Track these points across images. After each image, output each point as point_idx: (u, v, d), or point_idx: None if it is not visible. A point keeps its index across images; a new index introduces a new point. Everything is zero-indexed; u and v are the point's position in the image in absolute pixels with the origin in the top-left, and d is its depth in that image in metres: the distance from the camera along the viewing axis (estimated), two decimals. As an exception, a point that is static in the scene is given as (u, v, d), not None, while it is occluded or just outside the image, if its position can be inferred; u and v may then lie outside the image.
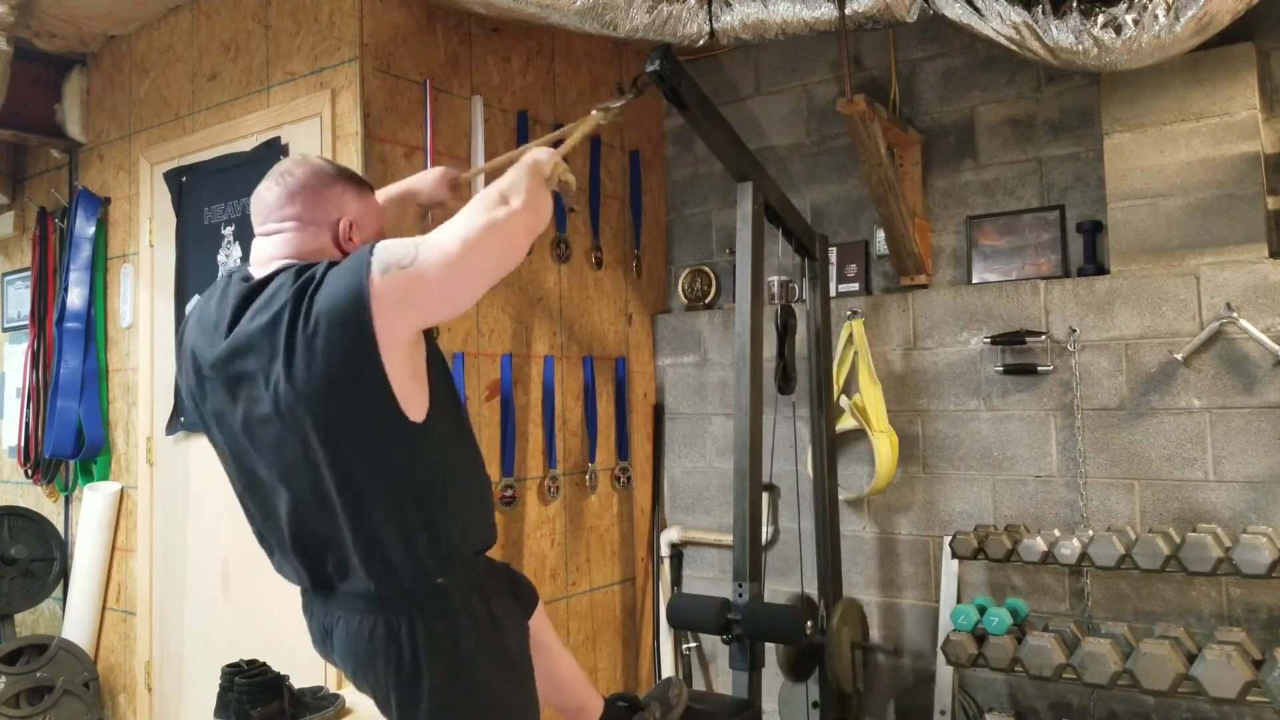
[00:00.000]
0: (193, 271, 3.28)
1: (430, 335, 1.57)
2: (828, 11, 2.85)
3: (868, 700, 3.37)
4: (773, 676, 3.38)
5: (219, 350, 1.51)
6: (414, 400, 1.47)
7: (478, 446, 1.70)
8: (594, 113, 2.15)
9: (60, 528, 3.82)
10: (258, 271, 1.56)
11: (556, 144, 2.04)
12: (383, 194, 1.95)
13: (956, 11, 2.70)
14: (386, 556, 1.48)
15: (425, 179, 1.97)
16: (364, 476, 1.46)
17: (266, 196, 1.61)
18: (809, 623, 2.38)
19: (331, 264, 1.47)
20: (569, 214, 3.53)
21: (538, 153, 1.81)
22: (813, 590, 3.17)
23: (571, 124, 2.21)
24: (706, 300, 3.91)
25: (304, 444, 1.45)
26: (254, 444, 1.52)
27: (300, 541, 1.54)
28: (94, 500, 3.59)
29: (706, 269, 3.92)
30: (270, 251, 1.58)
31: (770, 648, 2.70)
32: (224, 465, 1.65)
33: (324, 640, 1.62)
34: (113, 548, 3.63)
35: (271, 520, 1.58)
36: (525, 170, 1.68)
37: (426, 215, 1.97)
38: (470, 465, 1.65)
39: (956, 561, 3.02)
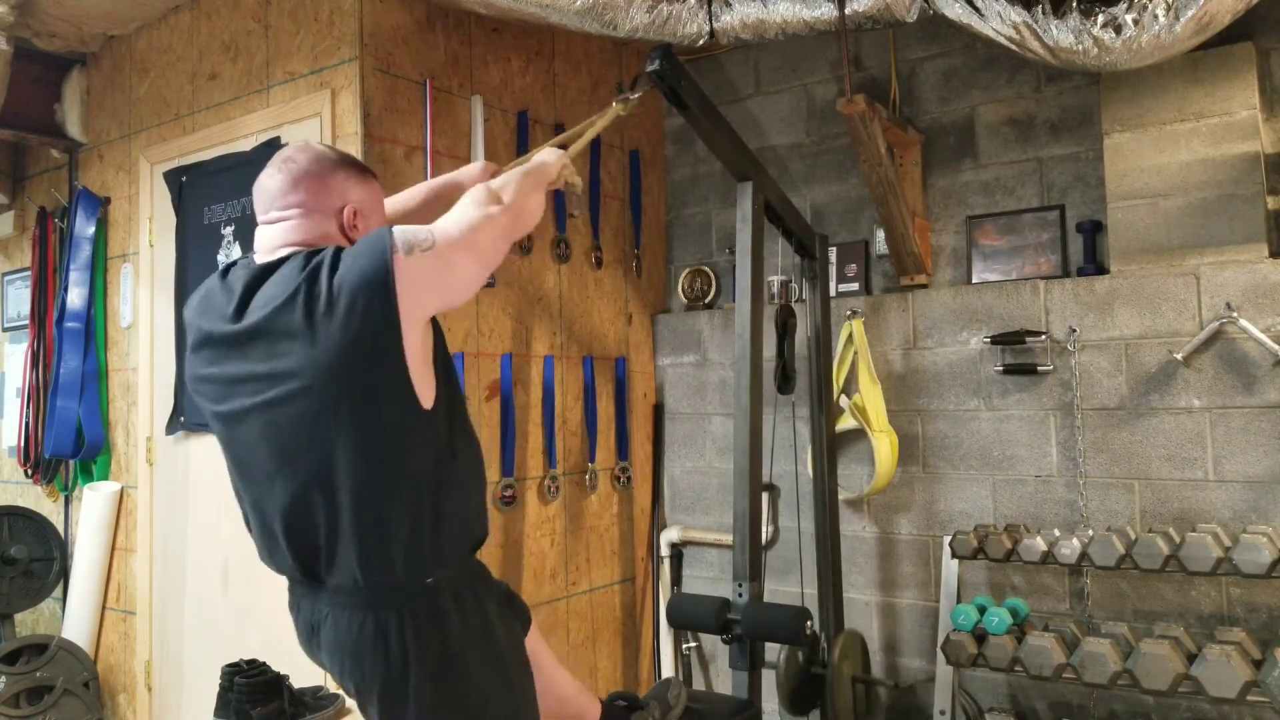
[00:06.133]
0: (193, 271, 3.28)
1: (436, 323, 1.57)
2: (828, 11, 2.85)
3: (868, 700, 3.37)
4: (773, 676, 3.38)
5: (230, 332, 1.50)
6: (425, 385, 1.47)
7: (477, 439, 1.70)
8: (614, 104, 2.21)
9: (60, 528, 3.82)
10: (264, 259, 1.55)
11: (571, 140, 2.08)
12: (428, 185, 2.01)
13: (956, 11, 2.70)
14: (382, 548, 1.48)
15: (470, 171, 2.04)
16: (373, 460, 1.45)
17: (269, 184, 1.60)
18: (808, 623, 2.38)
19: (340, 249, 1.47)
20: (570, 219, 3.53)
21: (546, 154, 1.84)
22: (812, 592, 3.17)
23: (591, 117, 2.23)
24: (706, 300, 3.91)
25: (315, 425, 1.44)
26: (260, 429, 1.51)
27: (295, 530, 1.53)
28: (94, 500, 3.59)
29: (706, 269, 3.92)
30: (275, 239, 1.57)
31: (770, 686, 2.68)
32: (224, 452, 1.64)
33: (311, 637, 1.61)
34: (113, 548, 3.63)
35: (267, 508, 1.57)
36: (522, 173, 1.70)
37: None
38: (471, 458, 1.65)
39: (956, 561, 3.02)
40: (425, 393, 1.47)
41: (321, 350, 1.40)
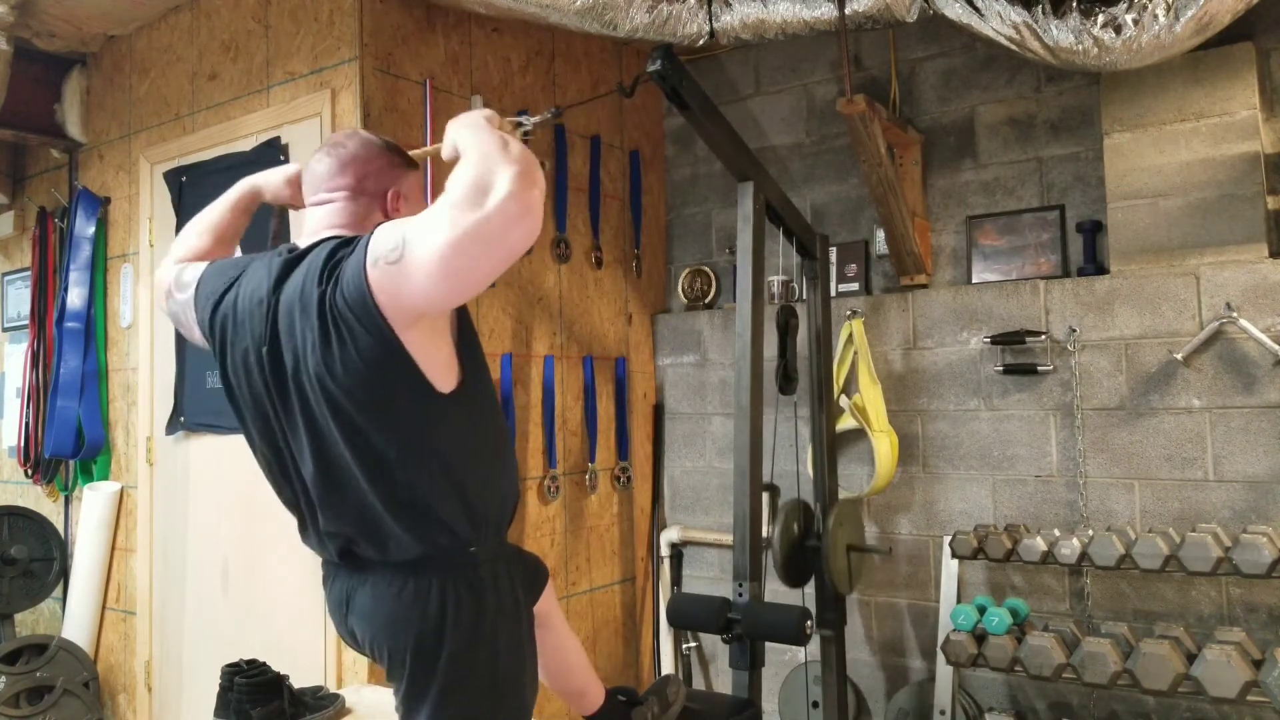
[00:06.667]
0: (193, 271, 3.27)
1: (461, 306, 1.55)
2: (828, 11, 2.85)
3: (867, 700, 3.37)
4: (772, 676, 3.38)
5: (255, 328, 1.52)
6: (443, 368, 1.46)
7: (501, 411, 1.70)
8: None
9: (60, 528, 3.82)
10: (306, 241, 1.57)
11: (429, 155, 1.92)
12: (234, 191, 1.90)
13: (956, 11, 2.70)
14: (422, 524, 1.49)
15: (272, 177, 1.88)
16: (400, 447, 1.46)
17: (317, 168, 1.63)
18: (809, 623, 2.38)
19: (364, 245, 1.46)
20: (568, 221, 3.53)
21: (477, 113, 1.58)
22: (813, 592, 3.17)
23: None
24: (706, 300, 3.91)
25: (337, 419, 1.45)
26: (290, 418, 1.52)
27: (331, 514, 1.54)
28: (94, 500, 3.59)
29: (706, 269, 3.92)
30: (321, 221, 1.60)
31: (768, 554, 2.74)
32: (250, 440, 1.65)
33: (343, 605, 1.61)
34: (113, 548, 3.63)
35: (301, 492, 1.59)
36: (484, 134, 1.41)
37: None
38: (500, 435, 1.67)
39: (956, 561, 3.02)
40: (443, 378, 1.46)
41: (330, 366, 1.42)
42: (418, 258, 1.31)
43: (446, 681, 1.50)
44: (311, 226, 1.61)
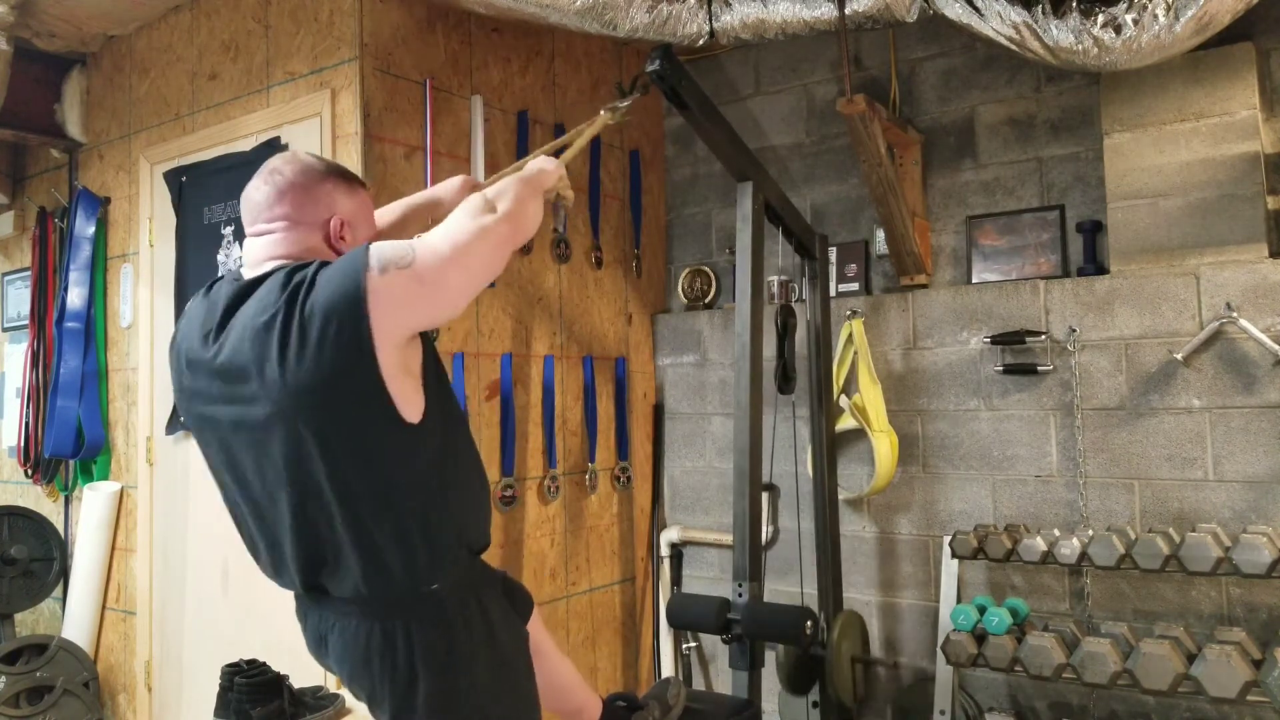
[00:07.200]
0: (193, 271, 3.28)
1: (427, 336, 1.55)
2: (828, 11, 2.85)
3: (868, 700, 3.37)
4: (772, 676, 3.38)
5: (210, 353, 1.50)
6: (409, 400, 1.45)
7: (475, 449, 1.69)
8: (602, 113, 2.22)
9: (60, 528, 3.82)
10: (249, 273, 1.54)
11: (561, 150, 2.07)
12: (406, 202, 1.97)
13: (956, 11, 2.70)
14: (381, 560, 1.47)
15: (449, 187, 2.00)
16: (358, 478, 1.44)
17: (255, 196, 1.59)
18: (809, 623, 2.38)
19: (324, 264, 1.45)
20: (566, 217, 3.53)
21: (543, 163, 1.85)
22: (812, 592, 3.17)
23: (579, 126, 2.23)
24: (706, 300, 3.91)
25: (298, 446, 1.43)
26: (246, 447, 1.50)
27: (293, 546, 1.52)
28: (94, 500, 3.59)
29: (706, 269, 3.92)
30: (261, 252, 1.56)
31: (770, 663, 2.69)
32: (211, 468, 1.63)
33: (319, 645, 1.62)
34: (113, 548, 3.63)
35: (263, 525, 1.56)
36: (520, 180, 1.69)
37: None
38: (468, 467, 1.64)
39: (956, 561, 3.02)
40: (410, 408, 1.45)
41: (296, 376, 1.38)
42: (428, 257, 1.42)
43: (430, 714, 1.50)
44: (252, 257, 1.57)
